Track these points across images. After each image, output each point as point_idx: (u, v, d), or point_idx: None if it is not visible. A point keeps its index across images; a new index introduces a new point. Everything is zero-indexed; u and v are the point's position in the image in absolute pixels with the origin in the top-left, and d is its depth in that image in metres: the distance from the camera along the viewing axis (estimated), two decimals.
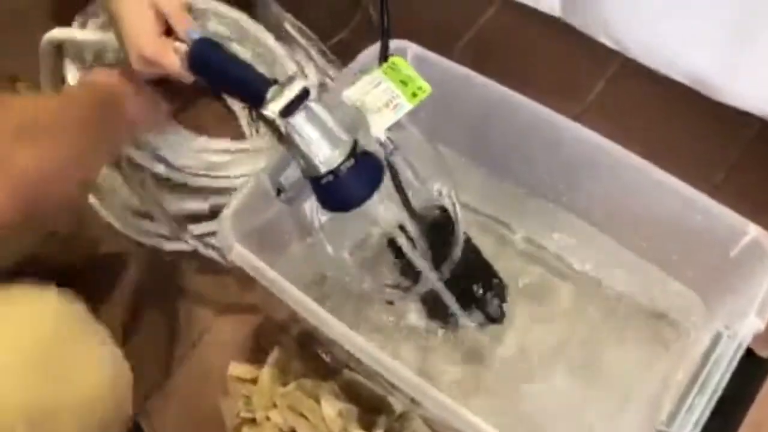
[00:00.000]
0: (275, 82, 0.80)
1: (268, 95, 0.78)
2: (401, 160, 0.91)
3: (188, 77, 0.89)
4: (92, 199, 1.20)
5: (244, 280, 0.93)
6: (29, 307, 0.79)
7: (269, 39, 1.12)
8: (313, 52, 1.14)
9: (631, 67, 1.27)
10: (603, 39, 1.15)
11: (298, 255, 1.02)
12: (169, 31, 0.89)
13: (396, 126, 0.90)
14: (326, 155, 0.79)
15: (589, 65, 1.33)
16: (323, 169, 0.79)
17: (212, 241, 1.10)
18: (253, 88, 0.80)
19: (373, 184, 0.83)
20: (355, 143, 0.81)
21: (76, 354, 0.80)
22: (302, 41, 1.14)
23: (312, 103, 0.78)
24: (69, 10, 1.02)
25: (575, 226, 1.06)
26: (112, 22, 0.92)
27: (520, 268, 1.11)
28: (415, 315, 1.08)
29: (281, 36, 1.15)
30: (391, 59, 0.91)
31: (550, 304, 1.08)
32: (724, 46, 1.05)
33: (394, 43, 0.94)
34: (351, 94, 0.87)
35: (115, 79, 0.97)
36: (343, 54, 0.99)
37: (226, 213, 0.91)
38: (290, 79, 0.79)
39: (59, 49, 1.10)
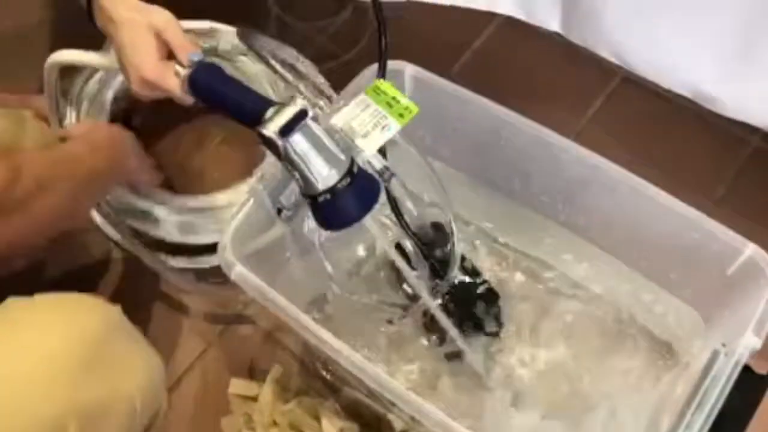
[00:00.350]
0: (273, 103, 0.81)
1: (267, 115, 0.79)
2: (398, 185, 0.92)
3: (188, 100, 0.90)
4: (98, 219, 1.21)
5: (245, 296, 0.93)
6: (75, 312, 0.83)
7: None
8: (302, 86, 1.14)
9: (632, 82, 1.28)
10: (603, 53, 1.15)
11: (298, 273, 1.02)
12: (169, 55, 0.90)
13: (392, 144, 0.91)
14: (323, 174, 0.80)
15: (589, 80, 1.34)
16: (320, 188, 0.80)
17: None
18: (252, 109, 0.81)
19: (369, 202, 0.84)
20: (352, 162, 0.82)
21: (119, 352, 0.84)
22: (289, 76, 1.15)
23: (310, 123, 0.79)
24: (72, 34, 1.02)
25: (574, 243, 1.07)
26: (113, 46, 0.94)
27: (517, 284, 1.11)
28: (414, 332, 1.08)
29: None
30: (375, 82, 0.92)
31: (547, 320, 1.08)
32: (727, 58, 1.05)
33: (391, 64, 0.95)
34: (338, 119, 0.87)
35: (118, 135, 1.02)
36: (349, 77, 1.00)
37: (227, 232, 0.91)
38: (289, 100, 0.80)
39: (65, 71, 1.12)
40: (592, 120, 1.32)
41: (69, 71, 1.16)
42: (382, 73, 0.94)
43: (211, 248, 1.00)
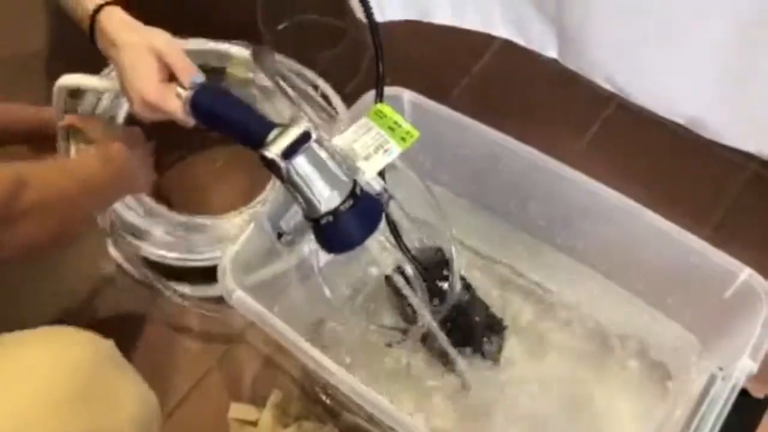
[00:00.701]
0: (276, 125, 0.81)
1: (270, 137, 0.79)
2: (397, 207, 0.92)
3: (190, 122, 0.91)
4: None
5: (247, 320, 0.94)
6: (65, 345, 0.82)
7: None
8: (307, 108, 1.15)
9: (628, 108, 1.28)
10: (599, 81, 1.16)
11: (298, 298, 1.02)
12: (170, 76, 0.91)
13: (393, 169, 0.92)
14: (326, 196, 0.80)
15: (586, 106, 1.35)
16: (323, 210, 0.80)
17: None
18: (254, 131, 0.81)
19: (372, 224, 0.85)
20: (355, 184, 0.82)
21: (110, 386, 0.83)
22: (292, 94, 1.16)
23: (313, 145, 0.79)
24: (74, 59, 1.04)
25: (571, 266, 1.07)
26: (114, 69, 0.94)
27: (516, 308, 1.12)
28: (413, 356, 1.08)
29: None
30: (377, 106, 0.92)
31: (546, 344, 1.08)
32: (720, 86, 1.06)
33: (389, 90, 0.96)
34: (340, 142, 0.88)
35: (121, 149, 1.02)
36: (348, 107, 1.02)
37: (227, 257, 0.92)
38: (292, 122, 0.80)
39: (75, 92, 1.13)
40: (590, 144, 1.33)
41: (78, 92, 1.16)
42: (379, 99, 0.95)
43: (211, 276, 1.00)
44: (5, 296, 1.05)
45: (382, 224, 0.92)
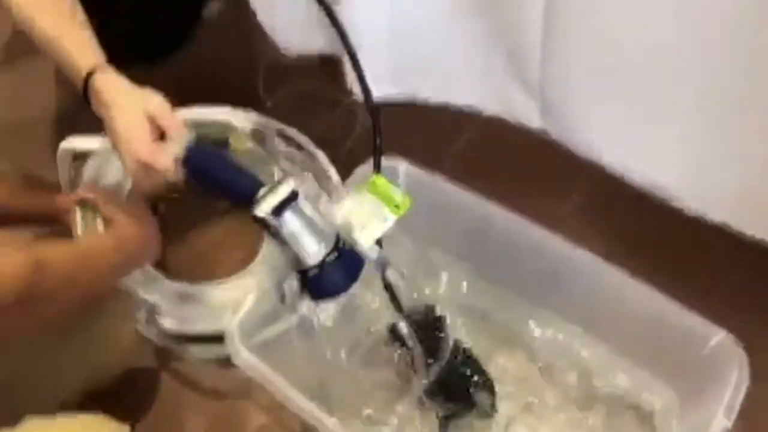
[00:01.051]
0: (265, 184, 0.86)
1: (259, 195, 0.85)
2: (393, 272, 0.97)
3: (181, 179, 0.93)
4: None
5: (249, 377, 0.97)
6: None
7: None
8: (309, 179, 1.19)
9: (611, 176, 1.33)
10: (581, 150, 1.19)
11: (299, 355, 1.06)
12: (161, 136, 0.93)
13: (390, 235, 0.96)
14: (313, 250, 0.86)
15: (570, 172, 1.39)
16: (310, 263, 0.86)
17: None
18: (244, 190, 0.87)
19: (354, 274, 0.90)
20: (338, 237, 0.88)
21: None
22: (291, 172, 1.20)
23: (301, 203, 0.85)
24: (87, 122, 1.05)
25: (558, 324, 1.12)
26: (107, 131, 0.95)
27: (507, 364, 1.15)
28: (412, 411, 1.10)
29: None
30: (372, 178, 0.98)
31: (536, 399, 1.12)
32: (691, 163, 1.08)
33: (386, 161, 1.01)
34: (338, 212, 0.93)
35: (130, 225, 1.05)
36: (352, 165, 1.06)
37: (234, 320, 0.96)
38: (280, 182, 0.86)
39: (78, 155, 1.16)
40: (578, 208, 1.36)
41: (83, 155, 1.19)
42: (377, 170, 1.00)
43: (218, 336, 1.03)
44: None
45: (380, 287, 0.97)
